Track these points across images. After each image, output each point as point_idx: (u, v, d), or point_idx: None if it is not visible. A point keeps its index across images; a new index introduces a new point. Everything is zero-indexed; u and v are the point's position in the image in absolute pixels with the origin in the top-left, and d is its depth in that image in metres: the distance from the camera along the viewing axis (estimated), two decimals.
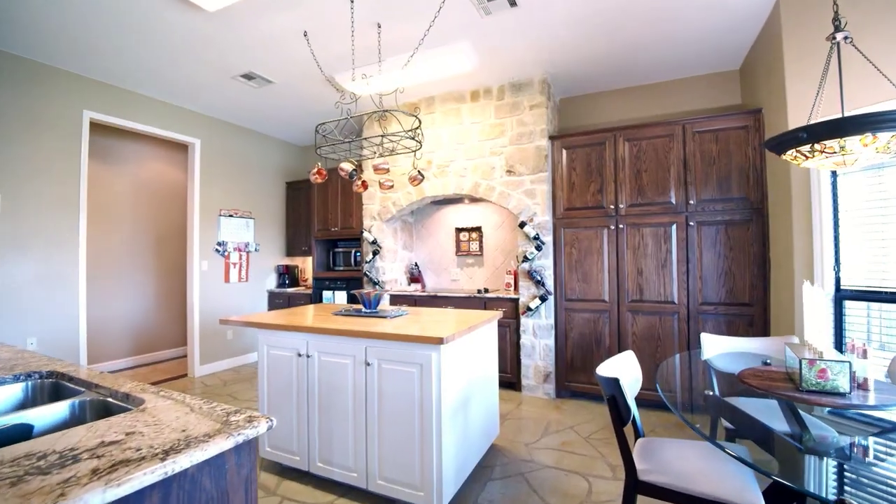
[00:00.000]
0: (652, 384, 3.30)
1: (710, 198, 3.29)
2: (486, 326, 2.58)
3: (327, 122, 2.67)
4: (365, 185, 2.94)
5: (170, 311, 5.49)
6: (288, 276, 5.45)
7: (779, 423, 1.42)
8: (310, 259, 5.10)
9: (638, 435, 1.93)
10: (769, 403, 1.54)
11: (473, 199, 4.58)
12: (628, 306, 3.48)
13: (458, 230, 4.75)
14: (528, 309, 3.62)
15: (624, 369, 1.88)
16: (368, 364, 2.12)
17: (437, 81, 3.88)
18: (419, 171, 2.81)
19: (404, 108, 4.37)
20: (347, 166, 2.52)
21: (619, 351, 3.50)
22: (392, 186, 2.87)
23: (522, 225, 3.66)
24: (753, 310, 3.17)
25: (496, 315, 2.70)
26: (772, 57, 2.95)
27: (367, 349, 2.13)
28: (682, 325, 3.34)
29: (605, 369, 1.72)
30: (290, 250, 5.65)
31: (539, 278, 3.58)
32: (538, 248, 3.58)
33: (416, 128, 2.68)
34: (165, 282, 5.46)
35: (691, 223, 3.31)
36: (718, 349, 2.45)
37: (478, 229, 4.65)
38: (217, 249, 4.87)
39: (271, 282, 5.55)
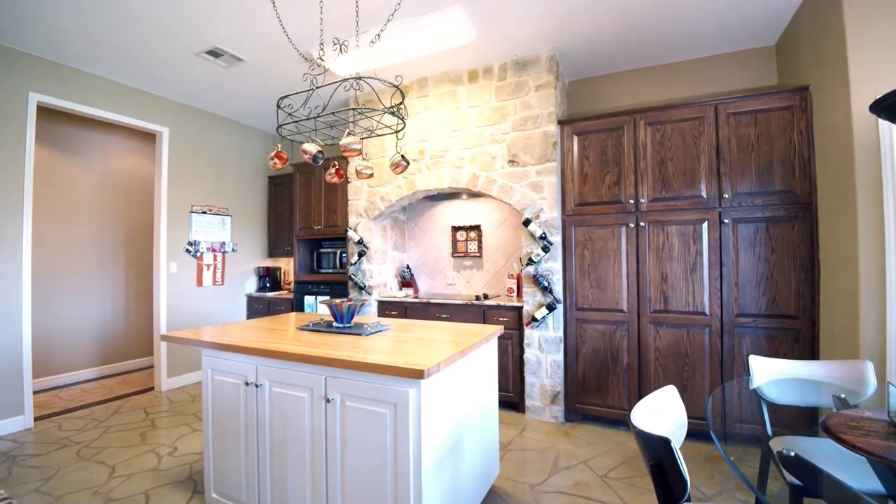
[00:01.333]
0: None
1: (747, 191, 2.80)
2: (484, 347, 2.09)
3: (290, 94, 2.19)
4: (340, 174, 2.47)
5: (140, 318, 5.03)
6: (269, 278, 4.98)
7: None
8: (293, 261, 4.63)
9: (680, 497, 1.44)
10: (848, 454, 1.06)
11: (472, 195, 4.09)
12: (650, 317, 2.99)
13: (455, 229, 4.27)
14: (534, 319, 3.14)
15: (668, 415, 1.39)
16: (328, 400, 1.64)
17: (431, 58, 3.40)
18: (402, 156, 2.33)
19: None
20: (311, 148, 2.05)
21: (639, 369, 3.02)
22: (371, 175, 2.39)
23: (527, 223, 3.17)
24: (799, 323, 2.68)
25: (496, 331, 2.22)
26: (823, 27, 2.47)
27: (328, 380, 1.65)
28: (715, 340, 2.85)
29: (646, 417, 1.24)
30: (273, 251, 5.19)
31: (546, 284, 3.09)
32: (545, 249, 3.10)
33: (399, 103, 2.21)
34: (136, 285, 5.00)
35: (725, 220, 2.82)
36: (768, 374, 1.97)
37: (476, 228, 4.17)
38: (188, 250, 4.41)
39: (251, 285, 5.08)
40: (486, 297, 3.74)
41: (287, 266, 5.28)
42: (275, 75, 3.76)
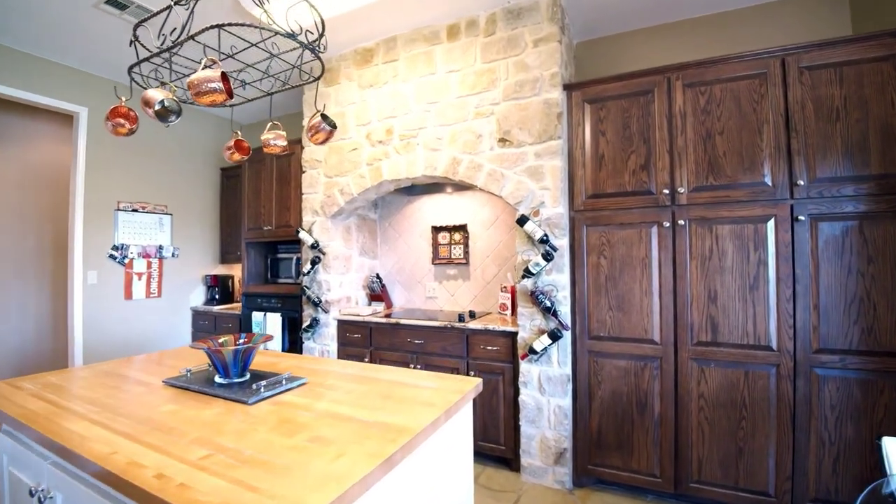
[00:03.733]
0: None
1: (831, 175, 1.98)
2: (448, 426, 1.28)
3: (148, 17, 1.39)
4: (245, 149, 1.67)
5: (66, 334, 4.24)
6: (218, 288, 4.19)
7: None
8: (241, 268, 3.84)
9: None
10: None
11: (457, 187, 3.29)
12: (693, 351, 2.17)
13: (437, 230, 3.47)
14: (532, 351, 2.33)
15: None
16: None
17: (402, 7, 2.60)
18: (323, 116, 1.53)
19: (356, 53, 3.09)
20: (156, 95, 1.26)
21: (676, 421, 2.20)
22: (285, 150, 1.60)
23: (522, 221, 2.37)
24: None
25: (468, 394, 1.40)
26: None
27: None
28: (784, 386, 2.03)
29: None
30: (225, 256, 4.39)
31: (549, 304, 2.28)
32: (547, 256, 2.28)
33: (317, 39, 1.41)
34: (59, 297, 4.21)
35: (800, 217, 2.01)
36: None
37: (462, 228, 3.37)
38: (112, 256, 3.62)
39: (198, 296, 4.28)
40: (472, 315, 2.93)
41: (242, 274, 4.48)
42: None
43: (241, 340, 1.53)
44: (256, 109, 4.31)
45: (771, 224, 2.06)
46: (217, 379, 1.43)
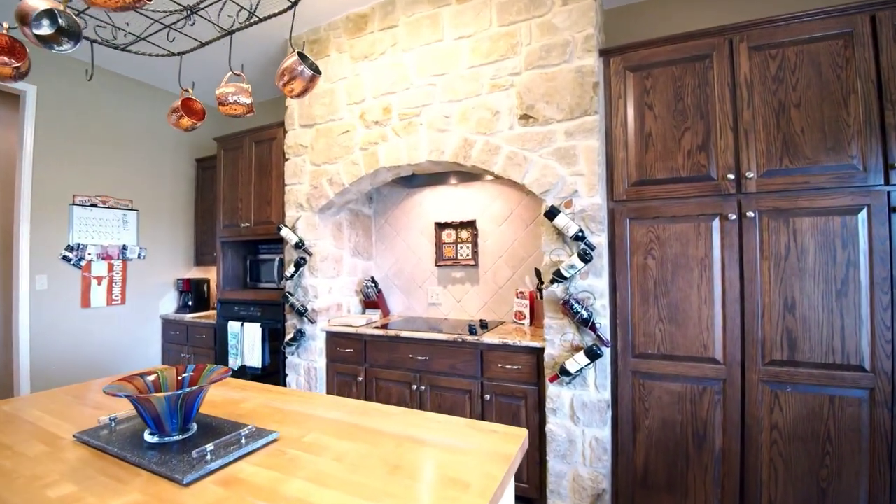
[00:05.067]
0: None
1: None
2: None
3: None
4: (198, 112, 1.23)
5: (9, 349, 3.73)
6: (192, 294, 3.71)
7: None
8: (217, 271, 3.37)
9: None
10: None
11: (464, 178, 2.87)
12: (764, 372, 1.77)
13: (440, 226, 3.04)
14: (565, 372, 1.91)
15: None
16: None
17: None
18: (302, 57, 1.10)
19: (347, 20, 2.65)
20: (36, 3, 0.82)
21: (742, 457, 1.80)
22: (249, 110, 1.15)
23: (552, 213, 1.95)
24: None
25: (514, 462, 0.97)
26: None
27: None
28: (880, 415, 1.64)
29: None
30: (201, 257, 3.92)
31: (586, 315, 1.86)
32: (584, 256, 1.86)
33: None
34: (2, 305, 3.70)
35: None
36: None
37: (470, 225, 2.94)
38: (66, 257, 3.13)
39: (169, 303, 3.80)
40: (484, 325, 2.51)
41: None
42: None
43: (188, 374, 1.09)
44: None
45: (862, 216, 1.67)
46: (147, 437, 0.99)
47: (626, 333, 1.96)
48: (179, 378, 1.08)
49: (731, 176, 1.81)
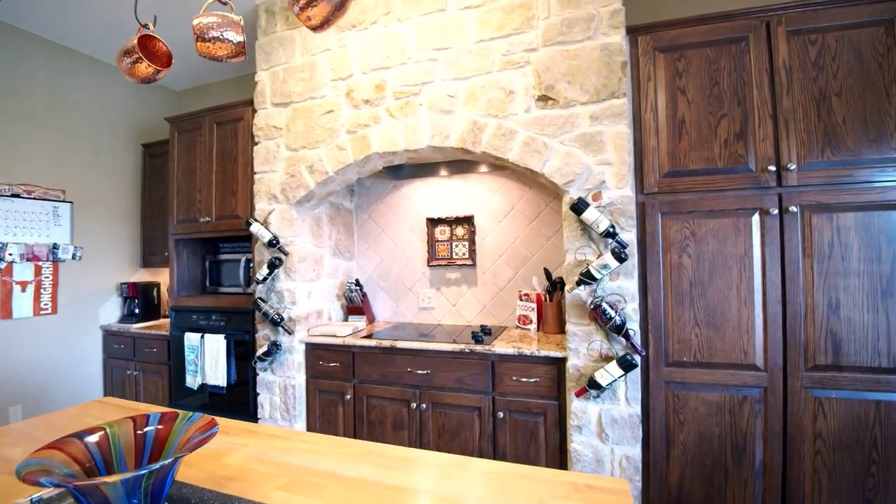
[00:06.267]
0: None
1: None
2: None
3: None
4: (163, 58, 0.89)
5: None
6: (139, 301, 3.20)
7: None
8: (170, 273, 2.90)
9: None
10: None
11: (457, 169, 2.61)
12: (808, 378, 1.64)
13: (433, 222, 2.76)
14: (595, 385, 1.69)
15: None
16: None
17: None
18: None
19: None
20: None
21: (784, 470, 1.67)
22: (235, 52, 0.84)
23: (580, 207, 1.73)
24: None
25: None
26: None
27: None
28: None
29: None
30: (149, 258, 3.40)
31: (619, 321, 1.66)
32: (619, 255, 1.65)
33: None
34: None
35: None
36: None
37: (467, 221, 2.69)
38: None
39: (111, 311, 3.26)
40: (487, 331, 2.26)
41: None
42: None
43: (151, 427, 0.76)
44: (197, 72, 3.37)
45: None
46: None
47: (658, 340, 1.78)
48: (139, 433, 0.75)
49: (772, 167, 1.67)
